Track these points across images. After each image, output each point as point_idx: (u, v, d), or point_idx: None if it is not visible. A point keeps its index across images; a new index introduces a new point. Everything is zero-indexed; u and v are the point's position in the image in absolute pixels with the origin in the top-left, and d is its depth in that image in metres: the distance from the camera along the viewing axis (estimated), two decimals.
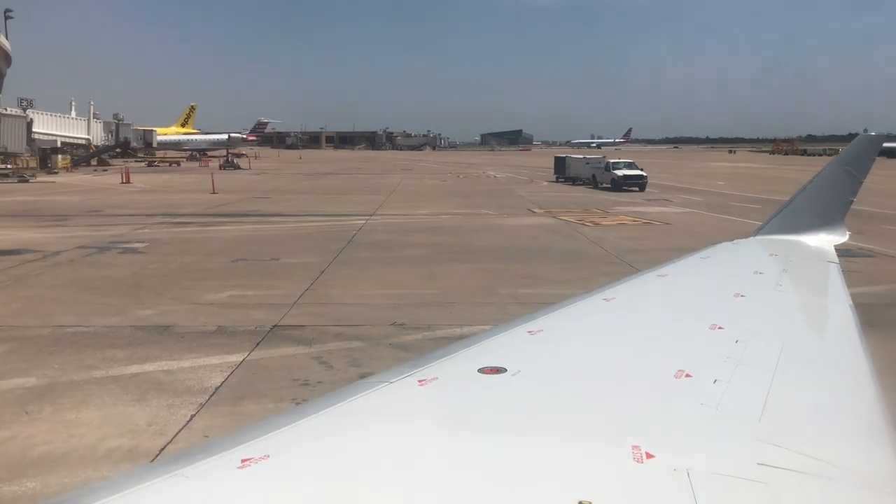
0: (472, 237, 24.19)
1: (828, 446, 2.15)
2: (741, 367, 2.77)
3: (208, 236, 24.00)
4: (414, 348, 11.01)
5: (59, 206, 34.05)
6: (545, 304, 13.15)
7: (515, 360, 2.73)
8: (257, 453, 1.88)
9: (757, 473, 1.88)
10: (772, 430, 2.20)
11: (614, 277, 17.26)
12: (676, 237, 24.40)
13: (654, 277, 4.72)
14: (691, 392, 2.50)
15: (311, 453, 2.00)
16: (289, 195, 42.45)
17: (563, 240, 23.70)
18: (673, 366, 2.69)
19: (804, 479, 1.91)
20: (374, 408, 2.33)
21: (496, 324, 11.78)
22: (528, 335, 3.15)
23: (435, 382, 2.50)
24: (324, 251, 20.67)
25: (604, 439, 2.08)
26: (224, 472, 1.81)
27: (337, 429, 2.16)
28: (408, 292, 15.27)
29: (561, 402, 2.43)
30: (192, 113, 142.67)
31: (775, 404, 2.40)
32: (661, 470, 1.85)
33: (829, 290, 4.67)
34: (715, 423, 2.26)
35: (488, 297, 14.81)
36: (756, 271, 4.87)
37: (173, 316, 12.99)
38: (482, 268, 18.35)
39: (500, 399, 2.41)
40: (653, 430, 2.14)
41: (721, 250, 5.94)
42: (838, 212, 6.29)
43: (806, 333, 3.76)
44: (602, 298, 3.96)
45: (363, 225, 27.30)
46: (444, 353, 2.86)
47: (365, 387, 2.46)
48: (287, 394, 9.05)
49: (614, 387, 2.60)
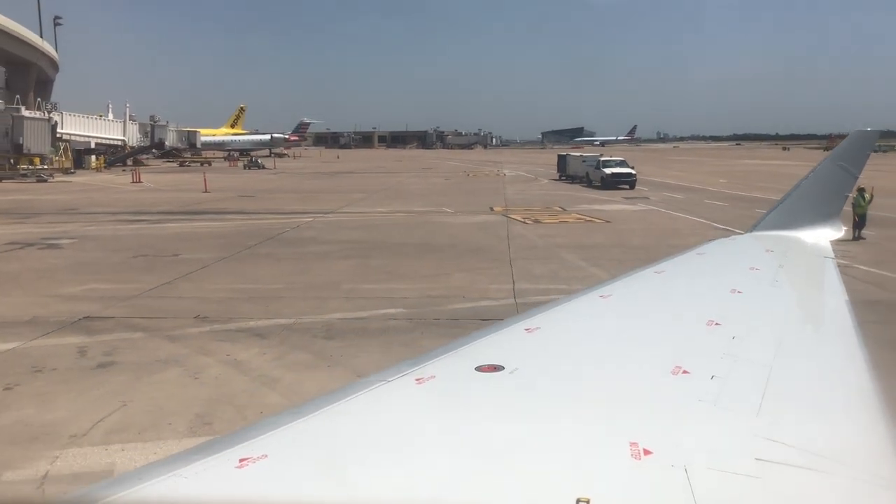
0: (397, 234, 24.59)
1: (825, 441, 2.15)
2: (738, 362, 2.78)
3: (142, 233, 25.11)
4: (183, 339, 11.59)
5: (42, 204, 35.88)
6: (370, 300, 13.55)
7: (513, 358, 2.74)
8: (255, 453, 1.89)
9: (754, 469, 1.88)
10: (769, 425, 2.19)
11: (476, 273, 17.37)
12: (598, 234, 24.45)
13: (650, 274, 4.74)
14: (688, 388, 2.49)
15: (309, 452, 2.01)
16: (276, 194, 43.56)
17: (483, 237, 23.86)
18: (670, 362, 2.69)
19: (802, 474, 1.91)
20: (372, 407, 2.33)
21: (300, 317, 12.22)
22: (526, 333, 3.18)
23: (432, 381, 2.50)
24: (233, 247, 21.44)
25: (602, 436, 2.09)
26: (222, 472, 1.81)
27: (335, 428, 2.17)
28: (260, 286, 15.83)
29: (558, 400, 2.43)
30: (242, 114, 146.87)
31: (772, 400, 2.39)
32: (658, 466, 1.84)
33: (824, 286, 4.69)
34: (712, 419, 2.25)
35: (323, 292, 15.21)
36: (752, 267, 4.86)
37: (7, 306, 13.89)
38: (363, 263, 18.78)
39: (497, 397, 2.41)
40: (650, 426, 2.14)
41: (717, 246, 6.01)
42: (834, 207, 6.28)
43: (802, 329, 3.75)
44: (599, 295, 3.98)
45: (305, 223, 28.03)
46: (441, 352, 2.87)
47: (362, 386, 2.48)
48: (12, 380, 9.71)
49: (612, 384, 2.59)
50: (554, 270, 17.72)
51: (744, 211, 30.99)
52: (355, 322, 12.74)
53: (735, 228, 25.19)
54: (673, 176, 59.01)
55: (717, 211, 31.36)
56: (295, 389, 9.38)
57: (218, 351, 11.02)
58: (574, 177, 52.81)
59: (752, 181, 52.46)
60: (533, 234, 24.73)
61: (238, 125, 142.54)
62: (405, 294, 14.94)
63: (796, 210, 6.32)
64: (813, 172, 6.63)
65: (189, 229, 26.32)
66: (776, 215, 6.42)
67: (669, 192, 42.36)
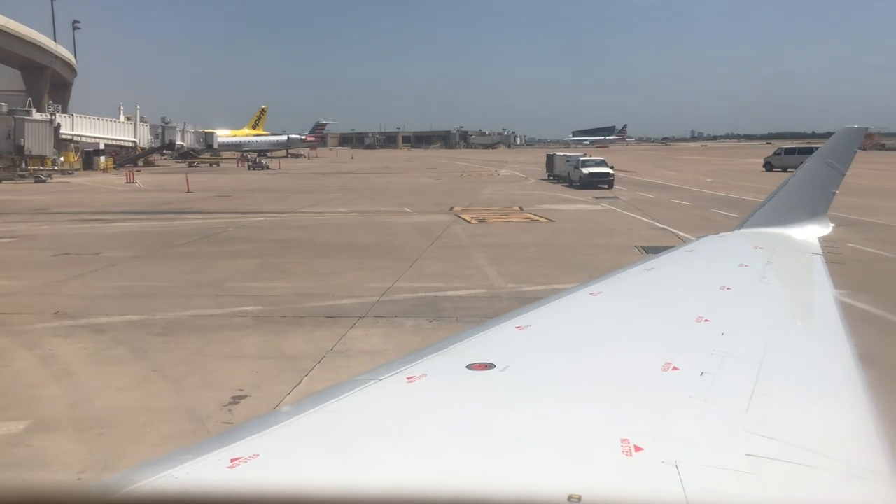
0: (331, 235, 24.89)
1: (815, 436, 2.16)
2: (728, 359, 2.79)
3: (86, 232, 25.78)
4: (24, 334, 12.00)
5: (18, 205, 36.88)
6: (237, 297, 13.79)
7: (503, 356, 2.75)
8: (246, 453, 1.89)
9: (745, 464, 1.89)
10: (759, 421, 2.21)
11: (369, 272, 17.40)
12: (529, 234, 24.52)
13: (640, 271, 4.79)
14: (679, 385, 2.51)
15: (300, 452, 2.02)
16: (255, 194, 44.22)
17: (413, 237, 23.95)
18: (660, 359, 2.70)
19: (792, 469, 1.92)
20: (363, 406, 2.35)
21: (153, 314, 12.52)
22: (516, 331, 3.20)
23: (423, 379, 2.51)
24: (159, 246, 21.95)
25: (592, 433, 2.10)
26: (213, 472, 1.81)
27: (326, 427, 2.19)
28: (145, 284, 16.22)
29: (549, 397, 2.44)
30: (263, 115, 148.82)
31: (762, 395, 2.41)
32: (649, 462, 1.85)
33: (813, 282, 4.73)
34: (702, 414, 2.27)
35: (199, 290, 15.52)
36: (741, 264, 4.90)
37: None
38: (267, 262, 19.06)
39: (488, 395, 2.42)
40: (641, 423, 2.14)
41: (706, 243, 6.12)
42: (821, 204, 6.36)
43: (791, 325, 3.77)
44: (589, 293, 4.00)
45: (253, 222, 28.49)
46: (432, 350, 2.89)
47: (354, 385, 2.48)
48: None
49: (602, 380, 2.60)
50: (448, 269, 17.82)
51: (701, 211, 30.80)
52: (201, 319, 13.02)
53: (671, 227, 25.10)
54: (662, 175, 58.59)
55: (673, 211, 31.14)
56: (80, 383, 9.70)
57: (44, 345, 11.36)
58: (559, 176, 52.72)
59: (737, 180, 51.76)
60: (467, 233, 24.83)
61: (260, 126, 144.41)
62: (278, 292, 15.18)
63: (784, 207, 6.40)
64: (801, 170, 6.73)
65: (135, 228, 26.93)
66: (765, 212, 6.47)
67: (644, 192, 42.06)
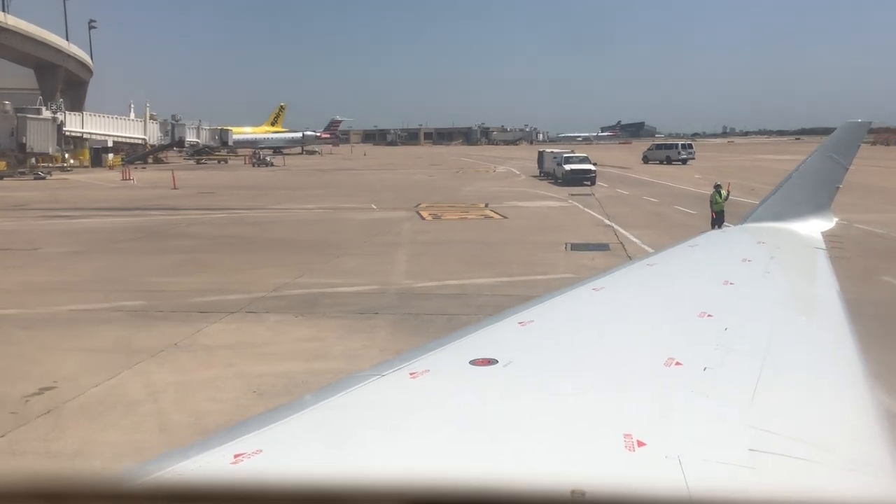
0: (279, 231, 25.27)
1: (817, 431, 2.18)
2: (731, 354, 2.80)
3: (44, 228, 26.46)
4: None
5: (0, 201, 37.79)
6: (132, 292, 14.09)
7: (507, 352, 2.76)
8: (250, 448, 1.90)
9: (748, 459, 1.90)
10: (762, 416, 2.21)
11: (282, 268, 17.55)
12: (472, 231, 24.63)
13: (643, 266, 4.82)
14: (682, 380, 2.51)
15: (304, 448, 2.04)
16: (239, 191, 44.76)
17: (355, 233, 24.18)
18: (663, 354, 2.70)
19: (795, 464, 1.92)
20: (367, 401, 2.36)
21: (37, 308, 12.86)
22: (519, 326, 3.21)
23: (427, 375, 2.51)
24: (104, 241, 22.47)
25: (595, 428, 2.10)
26: (217, 468, 1.82)
27: (329, 423, 2.20)
28: (61, 279, 16.70)
29: (552, 392, 2.44)
30: (282, 112, 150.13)
31: (765, 390, 2.41)
32: (652, 457, 1.86)
33: (816, 277, 4.73)
34: (706, 409, 2.28)
35: (104, 286, 15.86)
36: (744, 259, 4.88)
37: None
38: (193, 258, 19.44)
39: (491, 390, 2.43)
40: (644, 418, 2.15)
41: (710, 238, 6.16)
42: (825, 199, 6.34)
43: (794, 320, 3.77)
44: (592, 288, 3.99)
45: (212, 218, 28.98)
46: (435, 346, 2.90)
47: (357, 381, 2.49)
48: None
49: (605, 376, 2.61)
50: (361, 266, 18.03)
51: (662, 209, 30.69)
52: (79, 314, 13.31)
53: (617, 225, 24.98)
54: (655, 172, 58.17)
55: (634, 208, 31.04)
56: None
57: None
58: (548, 173, 52.55)
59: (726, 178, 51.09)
60: (412, 230, 25.02)
61: (279, 123, 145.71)
62: (178, 287, 15.47)
63: (788, 202, 6.39)
64: (804, 164, 6.73)
65: (95, 225, 27.49)
66: (768, 207, 6.46)
67: (623, 188, 41.84)
